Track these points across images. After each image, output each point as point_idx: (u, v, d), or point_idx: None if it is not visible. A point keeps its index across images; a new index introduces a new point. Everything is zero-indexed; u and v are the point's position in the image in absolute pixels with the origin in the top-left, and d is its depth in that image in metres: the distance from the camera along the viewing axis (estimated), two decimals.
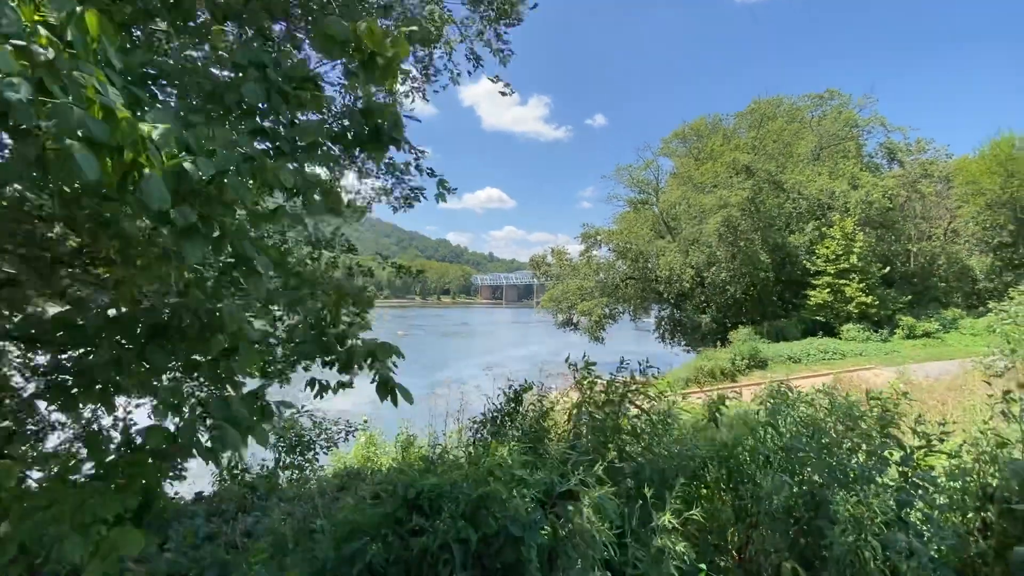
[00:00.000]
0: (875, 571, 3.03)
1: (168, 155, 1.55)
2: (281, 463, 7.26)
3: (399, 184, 6.81)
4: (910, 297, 29.09)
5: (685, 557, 3.12)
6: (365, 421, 8.54)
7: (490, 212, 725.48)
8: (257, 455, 7.28)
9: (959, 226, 33.58)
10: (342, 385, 2.73)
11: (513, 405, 4.95)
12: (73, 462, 2.15)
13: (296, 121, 2.21)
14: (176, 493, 5.95)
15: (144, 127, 1.46)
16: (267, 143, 2.16)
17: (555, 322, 36.09)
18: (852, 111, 35.26)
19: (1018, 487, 3.28)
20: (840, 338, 26.25)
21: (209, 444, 1.99)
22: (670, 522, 3.25)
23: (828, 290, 27.85)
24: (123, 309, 2.33)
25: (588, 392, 4.38)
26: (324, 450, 7.72)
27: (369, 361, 2.47)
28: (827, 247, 28.27)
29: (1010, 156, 29.98)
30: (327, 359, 2.61)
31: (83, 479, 2.08)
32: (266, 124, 2.19)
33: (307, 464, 7.40)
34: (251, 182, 1.91)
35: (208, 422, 2.03)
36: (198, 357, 2.29)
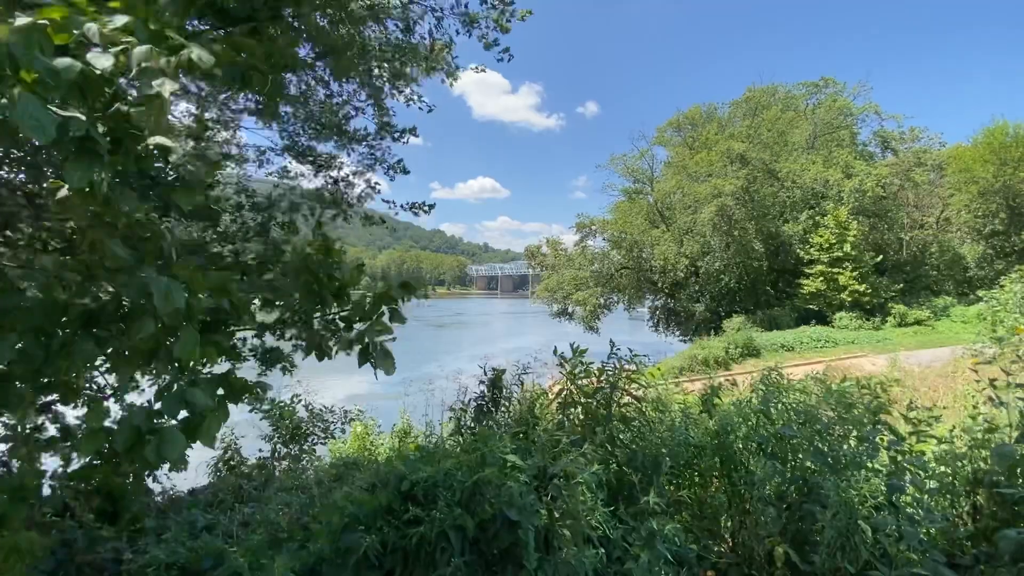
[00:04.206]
0: (865, 554, 3.08)
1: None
2: (278, 454, 7.29)
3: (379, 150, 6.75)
4: (902, 285, 29.31)
5: (676, 539, 3.17)
6: (360, 411, 8.58)
7: (484, 202, 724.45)
8: (254, 446, 7.31)
9: (951, 214, 33.74)
10: (350, 344, 2.31)
11: (494, 391, 4.97)
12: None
13: None
14: (174, 487, 5.97)
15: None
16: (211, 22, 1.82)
17: (550, 312, 36.15)
18: (846, 99, 35.27)
19: (1005, 470, 3.33)
20: (833, 326, 26.44)
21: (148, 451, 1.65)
22: (657, 504, 3.30)
23: (821, 279, 27.99)
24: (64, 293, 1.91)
25: (578, 380, 4.40)
26: (322, 441, 7.75)
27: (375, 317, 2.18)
28: (821, 236, 28.38)
29: (1003, 144, 30.07)
30: (325, 316, 2.30)
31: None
32: None
33: (304, 455, 7.43)
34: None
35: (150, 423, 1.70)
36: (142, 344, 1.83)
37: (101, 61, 1.37)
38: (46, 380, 1.89)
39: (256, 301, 2.24)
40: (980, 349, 15.31)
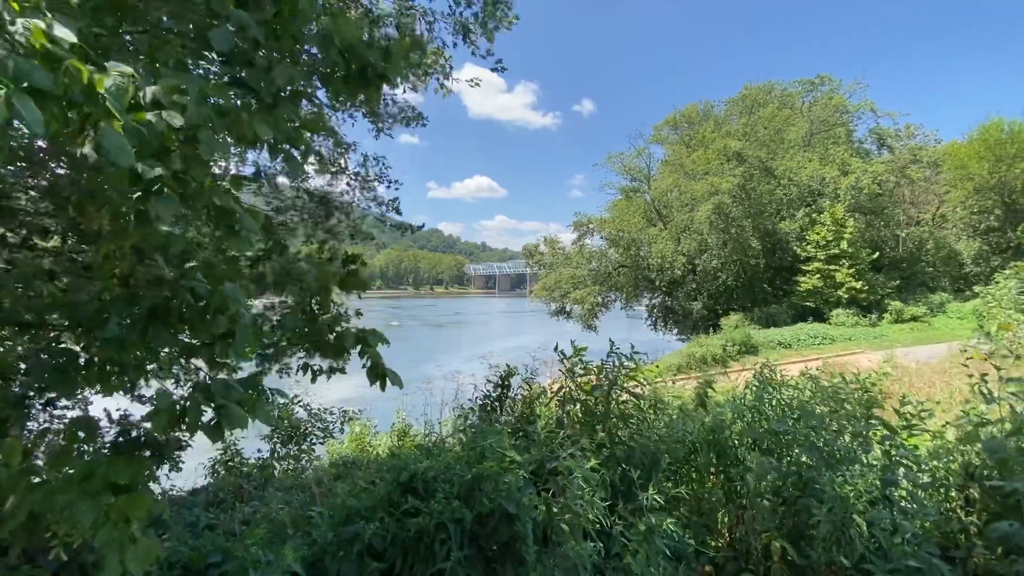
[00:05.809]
0: (860, 547, 3.12)
1: (132, 105, 1.50)
2: (277, 454, 7.31)
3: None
4: (898, 282, 29.39)
5: (674, 534, 3.21)
6: (359, 411, 8.60)
7: (481, 201, 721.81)
8: (253, 446, 7.33)
9: (947, 211, 33.89)
10: (334, 370, 2.74)
11: (501, 391, 4.99)
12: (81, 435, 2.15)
13: (272, 66, 2.09)
14: (174, 487, 5.99)
15: (95, 76, 1.39)
16: (245, 93, 2.06)
17: (548, 311, 36.21)
18: (842, 97, 35.31)
19: (995, 464, 3.38)
20: (830, 323, 26.53)
21: (214, 423, 1.95)
22: (656, 500, 3.34)
23: (818, 276, 28.08)
24: (115, 292, 2.23)
25: (577, 377, 4.44)
26: (320, 441, 7.77)
27: (359, 348, 2.49)
28: (817, 233, 28.45)
29: (998, 140, 30.20)
30: (318, 342, 2.61)
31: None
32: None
33: (303, 454, 7.45)
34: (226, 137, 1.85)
35: (212, 403, 1.98)
36: (196, 340, 2.24)
37: (175, 120, 1.60)
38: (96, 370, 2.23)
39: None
40: (975, 345, 15.41)
